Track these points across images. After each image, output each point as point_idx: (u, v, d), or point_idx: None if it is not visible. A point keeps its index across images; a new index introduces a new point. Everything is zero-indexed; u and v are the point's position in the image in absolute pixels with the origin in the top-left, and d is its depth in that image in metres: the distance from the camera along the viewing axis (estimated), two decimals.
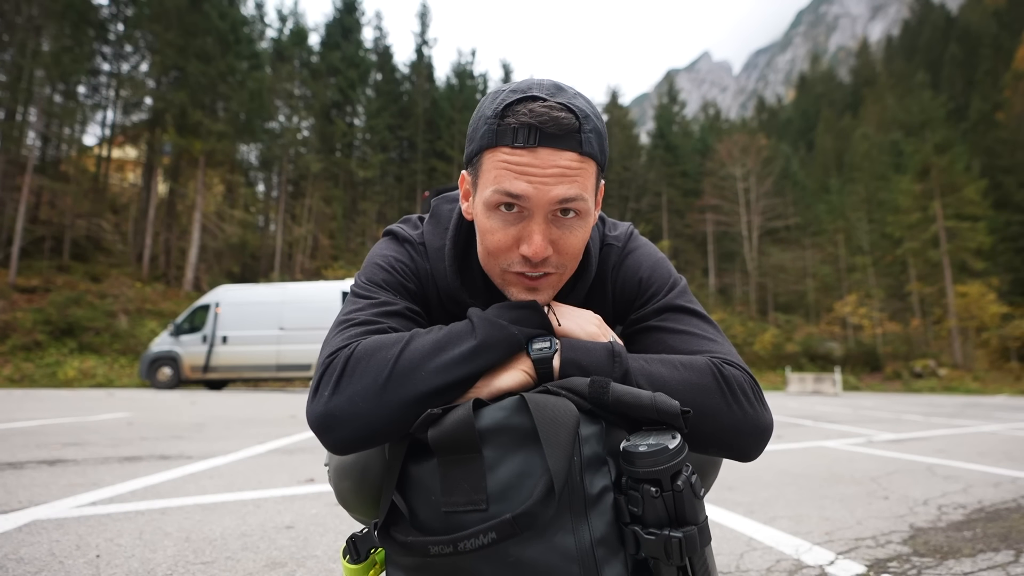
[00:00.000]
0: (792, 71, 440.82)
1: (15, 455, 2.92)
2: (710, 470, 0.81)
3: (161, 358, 12.27)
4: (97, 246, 24.26)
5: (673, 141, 44.91)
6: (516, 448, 0.57)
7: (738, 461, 0.68)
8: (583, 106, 0.64)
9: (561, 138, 0.62)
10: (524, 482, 0.56)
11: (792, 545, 1.59)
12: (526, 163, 0.62)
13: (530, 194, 0.63)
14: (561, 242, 0.66)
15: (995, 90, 49.81)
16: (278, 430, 4.49)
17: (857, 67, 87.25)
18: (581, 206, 0.65)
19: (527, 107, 0.62)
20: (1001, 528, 1.80)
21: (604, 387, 0.60)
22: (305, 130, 32.74)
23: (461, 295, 0.75)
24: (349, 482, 0.72)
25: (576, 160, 0.63)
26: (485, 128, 0.64)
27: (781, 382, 24.80)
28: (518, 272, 0.68)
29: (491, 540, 0.54)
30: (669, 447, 0.55)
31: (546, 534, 0.56)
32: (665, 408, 0.59)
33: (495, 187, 0.64)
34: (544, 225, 0.65)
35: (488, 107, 0.65)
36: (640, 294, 0.79)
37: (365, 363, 0.62)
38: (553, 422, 0.56)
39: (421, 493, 0.60)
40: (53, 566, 1.30)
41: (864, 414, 8.06)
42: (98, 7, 25.25)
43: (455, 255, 0.76)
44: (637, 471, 0.56)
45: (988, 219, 33.33)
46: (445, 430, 0.58)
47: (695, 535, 0.55)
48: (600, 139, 0.66)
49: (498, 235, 0.66)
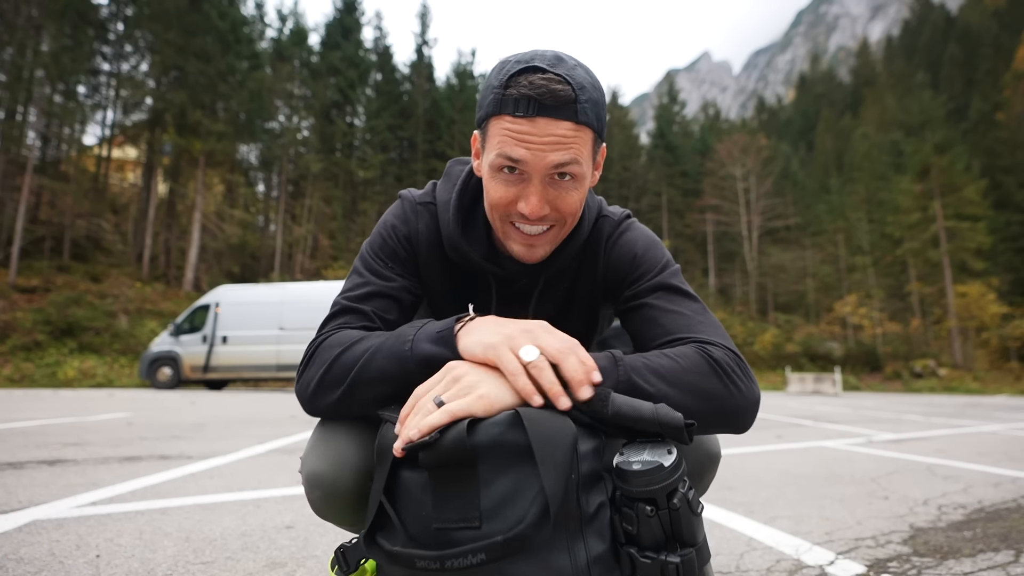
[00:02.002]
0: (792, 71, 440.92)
1: (15, 455, 2.92)
2: (708, 469, 0.81)
3: (161, 358, 12.27)
4: (97, 246, 24.26)
5: (673, 141, 44.91)
6: (511, 465, 0.55)
7: (734, 434, 0.70)
8: (581, 77, 0.68)
9: (557, 109, 0.66)
10: (518, 500, 0.54)
11: (792, 545, 1.59)
12: (525, 131, 0.67)
13: (528, 159, 0.68)
14: (558, 201, 0.72)
15: (995, 90, 49.81)
16: (278, 430, 4.49)
17: (857, 67, 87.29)
18: (575, 170, 0.70)
19: (528, 79, 0.67)
20: (1001, 528, 1.80)
21: (604, 400, 0.58)
22: (305, 130, 32.73)
23: (462, 243, 0.80)
24: (319, 492, 0.71)
25: (572, 129, 0.68)
26: (492, 96, 0.69)
27: (781, 382, 24.80)
28: (517, 228, 0.74)
29: (480, 561, 0.52)
30: (664, 465, 0.52)
31: (540, 554, 0.53)
32: (668, 421, 0.56)
33: (498, 152, 0.69)
34: (541, 187, 0.70)
35: (495, 77, 0.70)
36: (633, 269, 0.82)
37: (320, 356, 0.72)
38: (549, 441, 0.54)
39: (411, 505, 0.58)
40: (53, 566, 1.30)
41: (864, 414, 8.06)
42: (98, 7, 25.27)
43: (459, 207, 0.82)
44: (631, 490, 0.53)
45: (988, 219, 33.33)
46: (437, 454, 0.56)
47: (693, 559, 0.52)
48: (596, 108, 0.70)
49: (500, 193, 0.72)
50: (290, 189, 32.48)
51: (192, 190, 26.89)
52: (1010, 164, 39.71)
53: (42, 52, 21.64)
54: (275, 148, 30.78)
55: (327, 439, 0.73)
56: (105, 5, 25.63)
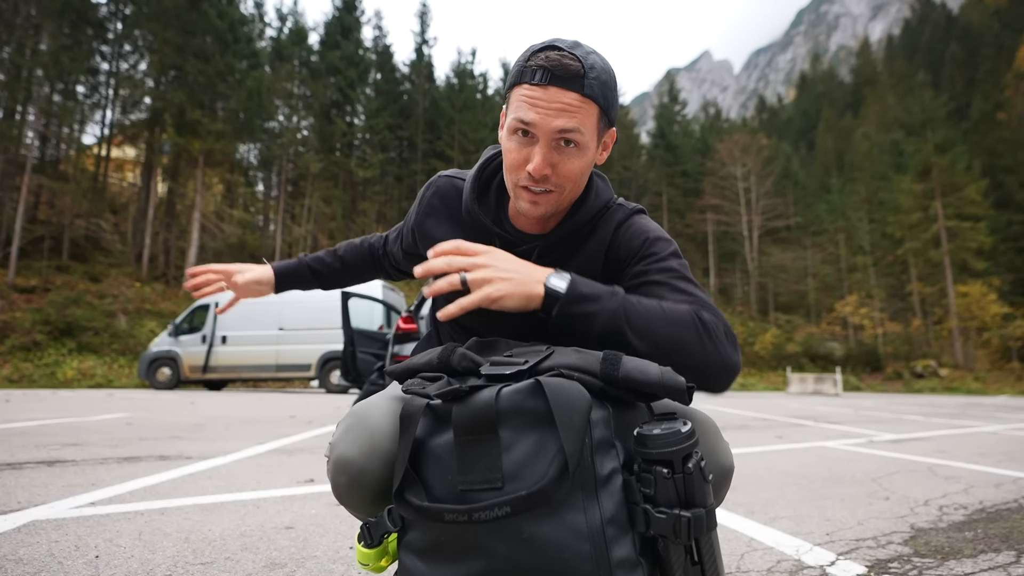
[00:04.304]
0: (793, 70, 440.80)
1: (14, 455, 2.91)
2: (722, 482, 0.81)
3: (160, 358, 12.27)
4: (96, 246, 24.23)
5: (673, 141, 44.86)
6: (530, 429, 0.61)
7: (708, 393, 0.77)
8: (593, 60, 0.78)
9: (567, 80, 0.75)
10: (537, 462, 0.60)
11: (793, 546, 1.58)
12: (538, 97, 0.76)
13: (537, 122, 0.77)
14: (560, 166, 0.80)
15: (996, 89, 49.76)
16: (277, 430, 4.49)
17: (858, 66, 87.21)
18: (579, 138, 0.78)
19: (545, 54, 0.76)
20: (1002, 529, 1.80)
21: (616, 363, 0.64)
22: (305, 130, 32.69)
23: (474, 207, 0.91)
24: (345, 479, 0.72)
25: (578, 100, 0.76)
26: (516, 69, 0.80)
27: (782, 382, 24.80)
28: (525, 187, 0.82)
29: (505, 513, 0.57)
30: (681, 430, 0.58)
31: (558, 512, 0.59)
32: (672, 384, 0.63)
33: (514, 115, 0.79)
34: (547, 150, 0.78)
35: (521, 56, 0.80)
36: (645, 248, 0.88)
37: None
38: (567, 406, 0.59)
39: (438, 469, 0.63)
40: (52, 567, 1.29)
41: (865, 414, 8.06)
42: (96, 6, 25.24)
43: (477, 178, 0.93)
44: (650, 452, 0.59)
45: (989, 219, 33.34)
46: (469, 410, 0.62)
47: (703, 516, 0.58)
48: (604, 88, 0.78)
49: (513, 154, 0.81)
50: (289, 189, 32.46)
51: (191, 190, 26.87)
52: (1011, 164, 39.68)
53: (41, 51, 21.62)
54: (274, 148, 30.76)
55: (360, 424, 0.73)
56: (104, 4, 25.61)
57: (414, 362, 0.80)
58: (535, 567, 0.59)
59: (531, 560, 0.59)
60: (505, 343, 0.78)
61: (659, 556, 0.61)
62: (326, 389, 12.03)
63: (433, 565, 0.63)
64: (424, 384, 0.70)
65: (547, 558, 0.58)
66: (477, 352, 0.76)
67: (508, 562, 0.59)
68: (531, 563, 0.59)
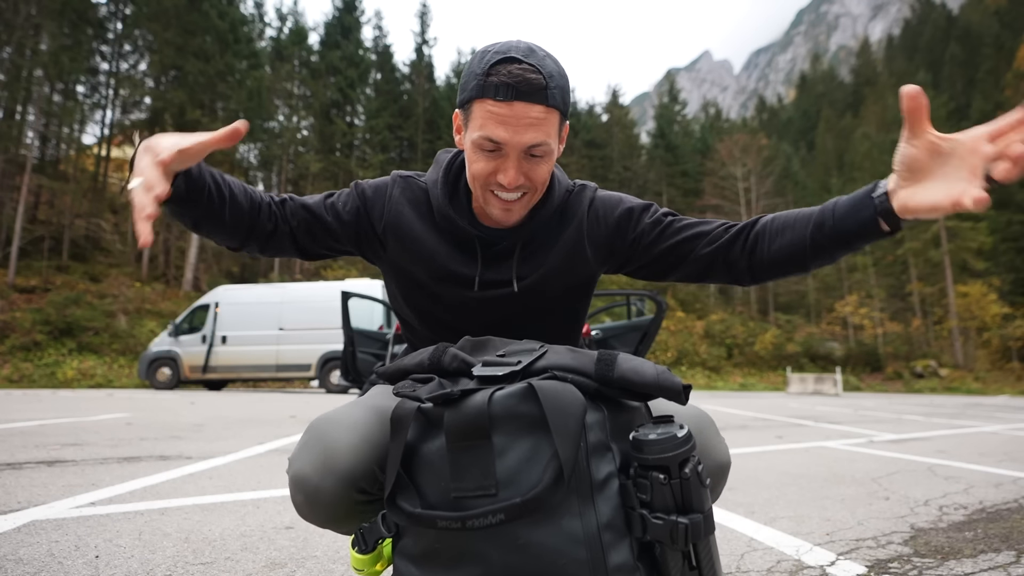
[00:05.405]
0: (793, 70, 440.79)
1: (14, 455, 2.91)
2: (719, 478, 0.81)
3: (160, 358, 12.27)
4: (96, 246, 24.23)
5: (673, 141, 44.87)
6: (524, 434, 0.60)
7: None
8: (550, 67, 0.80)
9: (532, 94, 0.77)
10: (532, 468, 0.59)
11: (793, 546, 1.58)
12: (504, 114, 0.77)
13: (507, 139, 0.79)
14: (530, 174, 0.83)
15: (996, 90, 49.74)
16: (277, 430, 4.49)
17: (858, 66, 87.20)
18: (546, 149, 0.82)
19: (507, 68, 0.77)
20: (1002, 529, 1.80)
21: (611, 363, 0.64)
22: (305, 130, 32.70)
23: (449, 211, 0.91)
24: (302, 496, 0.72)
25: (543, 111, 0.79)
26: (475, 82, 0.79)
27: (782, 382, 24.79)
28: (496, 195, 0.85)
29: (499, 520, 0.57)
30: (677, 435, 0.58)
31: (554, 518, 0.58)
32: (668, 384, 0.63)
33: (481, 132, 0.79)
34: (517, 162, 0.81)
35: (477, 65, 0.80)
36: (632, 214, 0.94)
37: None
38: (561, 410, 0.58)
39: (431, 475, 0.62)
40: (52, 567, 1.29)
41: (865, 414, 8.06)
42: (96, 6, 25.24)
43: (445, 182, 0.94)
44: (647, 458, 0.58)
45: (989, 219, 33.34)
46: (462, 415, 0.60)
47: (700, 522, 0.57)
48: (563, 92, 0.81)
49: (482, 165, 0.82)
50: (289, 189, 32.46)
51: None
52: None
53: (41, 51, 21.61)
54: (274, 148, 30.76)
55: (316, 441, 0.72)
56: (104, 4, 25.61)
57: (405, 362, 0.79)
58: (531, 574, 0.58)
59: (527, 567, 0.58)
60: (498, 342, 0.77)
61: (657, 561, 0.60)
62: (326, 389, 12.03)
63: (428, 571, 0.62)
64: (415, 386, 0.69)
65: (543, 564, 0.57)
66: (469, 352, 0.74)
67: (504, 569, 0.58)
68: (527, 570, 0.58)
